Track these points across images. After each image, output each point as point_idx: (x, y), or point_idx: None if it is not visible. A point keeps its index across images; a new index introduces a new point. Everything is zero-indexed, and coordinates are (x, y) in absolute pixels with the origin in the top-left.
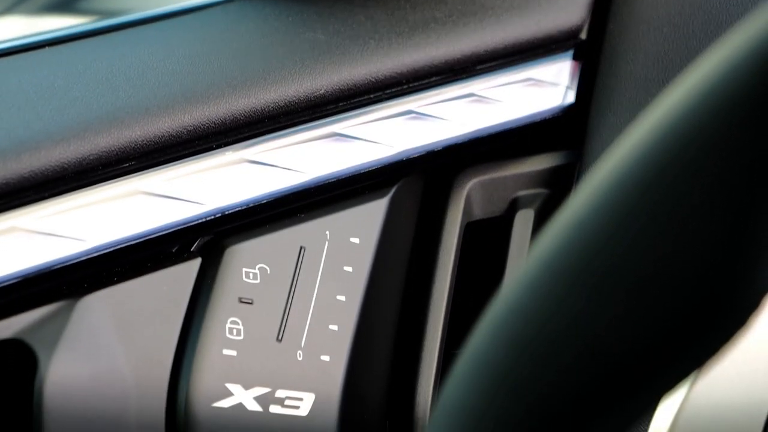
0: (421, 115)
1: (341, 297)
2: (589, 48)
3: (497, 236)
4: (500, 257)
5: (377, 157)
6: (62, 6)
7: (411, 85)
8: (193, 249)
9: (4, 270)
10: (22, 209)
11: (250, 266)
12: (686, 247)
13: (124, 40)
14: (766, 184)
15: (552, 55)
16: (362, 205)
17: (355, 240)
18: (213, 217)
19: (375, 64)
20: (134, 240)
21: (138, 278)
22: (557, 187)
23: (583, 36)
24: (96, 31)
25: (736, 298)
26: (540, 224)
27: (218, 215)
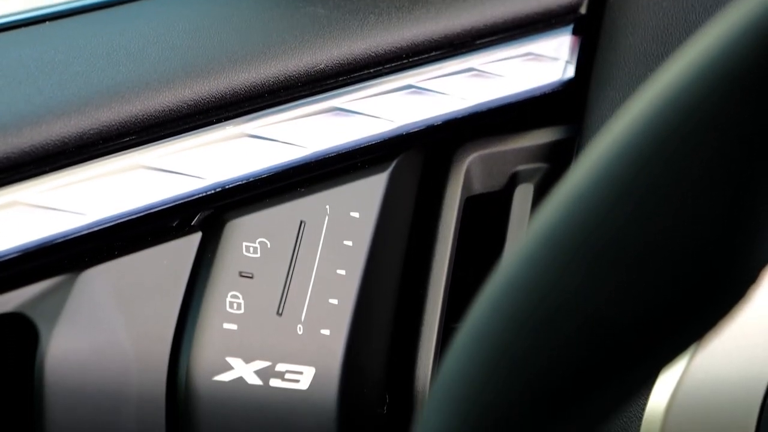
0: (421, 90)
1: (341, 271)
2: (589, 22)
3: (497, 210)
4: (500, 231)
5: (377, 132)
6: None
7: (411, 60)
8: (194, 223)
9: (5, 244)
10: (23, 183)
11: (251, 240)
12: (686, 221)
13: (125, 15)
14: (766, 158)
15: (552, 30)
16: (362, 180)
17: (355, 214)
18: (213, 192)
19: (375, 39)
20: (135, 214)
21: (138, 252)
22: (557, 162)
23: (583, 10)
24: (97, 6)
25: (735, 271)
26: (539, 198)
27: (219, 189)
